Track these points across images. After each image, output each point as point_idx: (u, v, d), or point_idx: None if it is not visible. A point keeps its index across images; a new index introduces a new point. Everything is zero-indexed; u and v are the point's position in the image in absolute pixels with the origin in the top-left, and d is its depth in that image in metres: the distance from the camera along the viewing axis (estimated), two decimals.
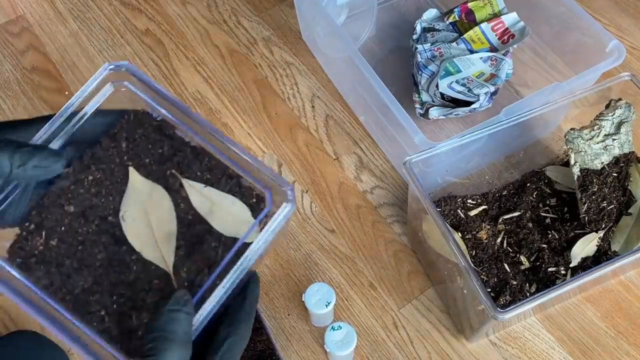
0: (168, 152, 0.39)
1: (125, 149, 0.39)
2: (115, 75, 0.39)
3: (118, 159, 0.39)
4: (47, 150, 0.35)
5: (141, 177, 0.38)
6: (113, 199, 0.38)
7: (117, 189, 0.38)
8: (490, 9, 0.79)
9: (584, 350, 0.63)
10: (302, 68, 0.85)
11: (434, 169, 0.63)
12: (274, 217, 0.36)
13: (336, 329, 0.61)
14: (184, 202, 0.38)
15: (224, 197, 0.38)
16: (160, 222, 0.37)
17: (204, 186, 0.38)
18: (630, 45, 0.85)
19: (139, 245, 0.37)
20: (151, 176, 0.38)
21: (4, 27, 0.92)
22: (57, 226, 0.37)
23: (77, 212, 0.37)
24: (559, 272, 0.63)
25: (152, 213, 0.37)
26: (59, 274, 0.36)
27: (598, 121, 0.66)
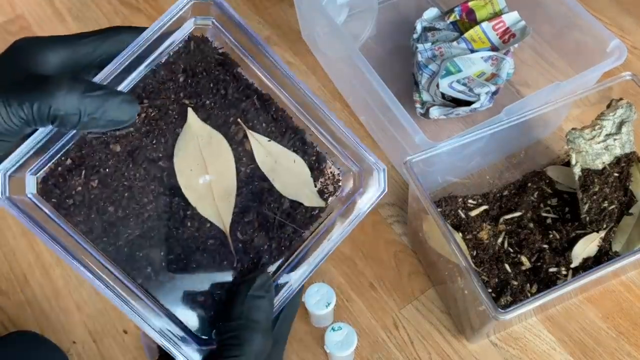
0: (233, 96, 0.34)
1: (183, 83, 0.33)
2: (198, 10, 0.33)
3: (174, 95, 0.33)
4: (121, 96, 0.29)
5: (200, 120, 0.33)
6: (165, 141, 0.33)
7: (171, 130, 0.33)
8: (491, 8, 0.79)
9: (585, 350, 0.63)
10: (302, 68, 0.85)
11: (434, 168, 0.63)
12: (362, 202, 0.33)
13: (336, 329, 0.60)
14: (246, 156, 0.33)
15: (288, 155, 0.34)
16: (219, 176, 0.33)
17: (269, 140, 0.34)
18: (632, 45, 0.84)
19: (194, 198, 0.32)
20: (211, 121, 0.33)
21: (2, 27, 0.92)
22: (100, 166, 0.32)
23: (123, 152, 0.32)
24: (560, 273, 0.63)
25: (210, 164, 0.33)
26: (100, 221, 0.31)
27: (599, 121, 0.65)
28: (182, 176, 0.32)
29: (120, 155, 0.32)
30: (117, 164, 0.32)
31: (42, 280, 0.69)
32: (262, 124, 0.34)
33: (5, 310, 0.68)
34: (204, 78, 0.34)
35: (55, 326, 0.66)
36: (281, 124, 0.34)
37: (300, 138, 0.34)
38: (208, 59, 0.34)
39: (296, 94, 0.34)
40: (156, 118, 0.33)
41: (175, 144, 0.33)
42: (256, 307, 0.30)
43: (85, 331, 0.66)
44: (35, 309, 0.67)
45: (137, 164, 0.32)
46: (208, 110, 0.33)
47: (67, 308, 0.67)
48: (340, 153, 0.34)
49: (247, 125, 0.34)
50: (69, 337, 0.66)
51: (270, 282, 0.31)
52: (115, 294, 0.30)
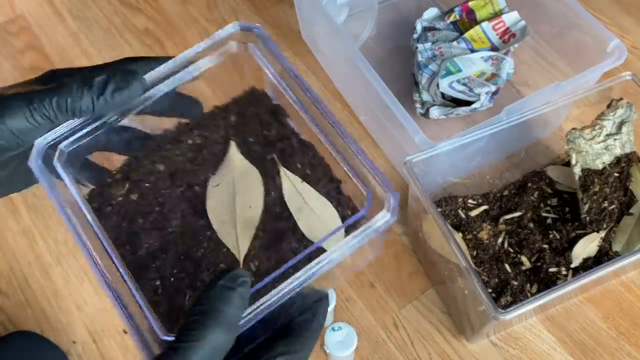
0: (274, 136, 0.35)
1: (234, 122, 0.36)
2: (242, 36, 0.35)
3: (223, 131, 0.36)
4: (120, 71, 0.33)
5: (240, 154, 0.35)
6: (206, 169, 0.35)
7: (213, 160, 0.35)
8: (491, 8, 0.79)
9: (585, 351, 0.63)
10: (302, 68, 0.85)
11: (434, 168, 0.63)
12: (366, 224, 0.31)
13: (336, 329, 0.60)
14: (275, 191, 0.34)
15: (318, 199, 0.34)
16: (245, 205, 0.34)
17: (301, 181, 0.34)
18: (632, 45, 0.84)
19: (216, 222, 0.33)
20: (251, 156, 0.35)
21: (2, 27, 0.92)
22: (143, 181, 0.34)
23: (166, 172, 0.35)
24: (560, 273, 0.63)
25: (239, 193, 0.34)
26: (127, 230, 0.33)
27: (599, 121, 0.65)
28: (212, 200, 0.34)
29: (163, 174, 0.35)
30: (157, 181, 0.34)
31: (42, 280, 0.69)
32: (297, 164, 0.34)
33: (5, 310, 0.68)
34: (252, 120, 0.36)
35: (55, 326, 0.66)
36: (318, 170, 0.35)
37: (335, 187, 0.34)
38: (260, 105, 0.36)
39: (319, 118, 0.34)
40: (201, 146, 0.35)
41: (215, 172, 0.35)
42: (223, 297, 0.28)
43: (85, 331, 0.66)
44: (35, 309, 0.67)
45: (174, 185, 0.34)
46: (249, 146, 0.35)
47: (67, 308, 0.67)
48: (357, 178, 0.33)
49: (282, 163, 0.34)
50: (68, 337, 0.66)
51: (245, 278, 0.29)
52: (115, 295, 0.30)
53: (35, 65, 0.88)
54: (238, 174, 0.34)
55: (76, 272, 0.69)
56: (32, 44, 0.90)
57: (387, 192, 0.31)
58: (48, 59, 0.88)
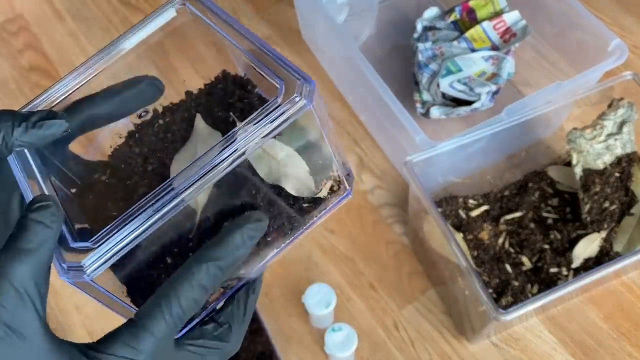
0: (235, 100, 0.36)
1: (204, 101, 0.37)
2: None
3: (194, 110, 0.37)
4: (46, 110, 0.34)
5: (204, 124, 0.36)
6: (176, 145, 0.36)
7: (183, 137, 0.36)
8: (491, 8, 0.79)
9: (586, 351, 0.63)
10: (302, 67, 0.84)
11: (435, 169, 0.63)
12: (276, 110, 0.31)
13: (336, 330, 0.60)
14: None
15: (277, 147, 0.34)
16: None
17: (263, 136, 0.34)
18: (633, 45, 0.84)
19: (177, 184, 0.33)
20: (216, 124, 0.36)
21: (1, 26, 0.92)
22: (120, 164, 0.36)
23: (140, 153, 0.36)
24: (561, 273, 0.62)
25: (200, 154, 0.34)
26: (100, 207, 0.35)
27: (600, 121, 0.65)
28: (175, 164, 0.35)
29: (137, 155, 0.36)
30: (131, 162, 0.36)
31: None
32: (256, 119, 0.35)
33: None
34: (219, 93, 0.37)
35: (54, 327, 0.66)
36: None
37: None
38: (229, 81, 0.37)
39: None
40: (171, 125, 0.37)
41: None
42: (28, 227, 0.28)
43: (85, 332, 0.66)
44: None
45: (147, 163, 0.36)
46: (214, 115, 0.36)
47: (66, 309, 0.67)
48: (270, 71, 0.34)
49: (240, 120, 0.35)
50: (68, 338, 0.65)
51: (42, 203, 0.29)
52: None
53: (34, 65, 0.87)
54: (201, 139, 0.36)
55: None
56: (32, 43, 0.90)
57: (300, 79, 0.32)
58: (47, 58, 0.88)
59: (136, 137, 0.37)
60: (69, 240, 0.31)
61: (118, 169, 0.36)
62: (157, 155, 0.36)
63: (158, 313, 0.29)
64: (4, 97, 0.85)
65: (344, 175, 0.37)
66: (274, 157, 0.35)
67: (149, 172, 0.36)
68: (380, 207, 0.73)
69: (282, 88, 0.32)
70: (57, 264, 0.30)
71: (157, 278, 0.34)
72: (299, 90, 0.32)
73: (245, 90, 0.37)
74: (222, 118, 0.36)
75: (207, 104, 0.37)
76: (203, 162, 0.31)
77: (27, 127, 0.32)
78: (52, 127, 0.33)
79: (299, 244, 0.71)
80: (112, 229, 0.30)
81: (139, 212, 0.30)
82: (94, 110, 0.36)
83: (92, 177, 0.37)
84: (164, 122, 0.37)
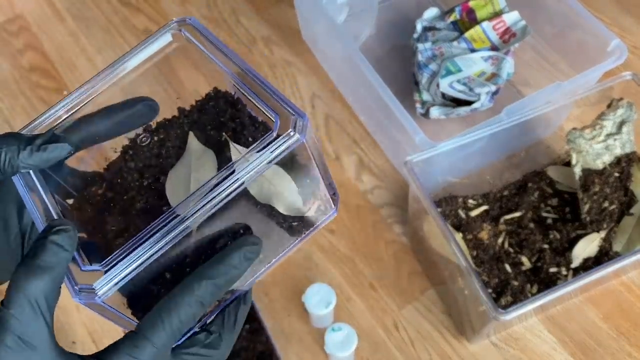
0: (227, 119, 0.38)
1: (196, 118, 0.39)
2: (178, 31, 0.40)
3: (187, 127, 0.39)
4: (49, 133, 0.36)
5: (197, 141, 0.38)
6: (171, 162, 0.38)
7: (177, 153, 0.38)
8: (491, 8, 0.79)
9: (586, 351, 0.63)
10: (302, 67, 0.85)
11: (434, 168, 0.63)
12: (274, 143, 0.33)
13: (336, 330, 0.60)
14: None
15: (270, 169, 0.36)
16: (199, 180, 0.36)
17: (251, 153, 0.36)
18: (632, 45, 0.84)
19: (173, 199, 0.36)
20: (209, 142, 0.38)
21: (2, 26, 0.92)
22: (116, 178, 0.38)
23: (135, 168, 0.38)
24: (560, 273, 0.63)
25: (194, 172, 0.37)
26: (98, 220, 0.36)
27: (600, 121, 0.65)
28: (170, 181, 0.37)
29: (132, 170, 0.38)
30: (127, 176, 0.38)
31: None
32: (248, 138, 0.37)
33: None
34: (211, 111, 0.39)
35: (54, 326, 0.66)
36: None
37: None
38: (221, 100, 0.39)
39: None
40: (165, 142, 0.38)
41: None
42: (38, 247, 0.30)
43: (85, 331, 0.66)
44: None
45: (142, 178, 0.38)
46: (207, 133, 0.38)
47: (67, 308, 0.67)
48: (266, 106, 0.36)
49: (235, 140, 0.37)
50: (68, 337, 0.66)
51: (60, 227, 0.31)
52: None
53: (34, 65, 0.87)
54: (194, 157, 0.38)
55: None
56: (32, 43, 0.90)
57: (294, 114, 0.34)
58: (47, 58, 0.88)
59: (131, 153, 0.39)
60: (80, 263, 0.32)
61: (114, 183, 0.38)
62: (152, 170, 0.38)
63: (159, 325, 0.31)
64: (4, 97, 0.85)
65: (330, 195, 0.39)
66: (266, 178, 0.36)
67: (145, 187, 0.37)
68: (380, 207, 0.73)
69: (277, 122, 0.34)
70: (70, 285, 0.32)
71: (157, 292, 0.36)
72: (293, 125, 0.34)
73: (236, 109, 0.39)
74: (214, 136, 0.38)
75: (199, 121, 0.39)
76: (205, 190, 0.33)
77: (32, 150, 0.34)
78: (55, 150, 0.35)
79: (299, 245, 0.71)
80: (122, 253, 0.32)
81: (146, 238, 0.32)
82: (92, 129, 0.37)
83: (89, 189, 0.38)
84: (158, 138, 0.39)
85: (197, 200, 0.33)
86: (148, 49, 0.41)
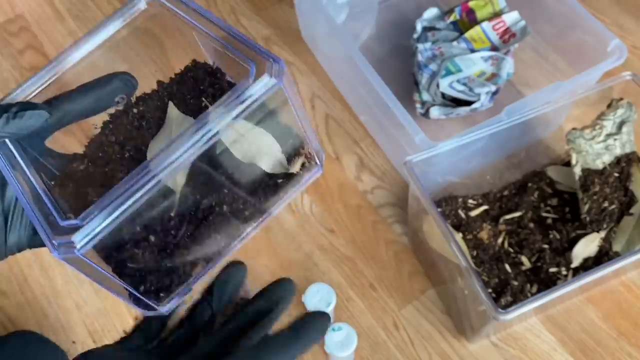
0: (206, 86, 0.38)
1: (176, 90, 0.39)
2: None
3: (167, 98, 0.39)
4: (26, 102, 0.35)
5: (177, 110, 0.38)
6: (151, 132, 0.38)
7: (157, 124, 0.38)
8: (491, 8, 0.79)
9: (586, 351, 0.63)
10: (302, 67, 0.85)
11: (434, 168, 0.63)
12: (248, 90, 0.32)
13: (336, 330, 0.60)
14: None
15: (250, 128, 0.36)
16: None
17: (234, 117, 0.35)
18: (632, 45, 0.84)
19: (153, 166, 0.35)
20: (187, 110, 0.37)
21: (2, 27, 0.92)
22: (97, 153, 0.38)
23: (116, 142, 0.38)
24: (560, 273, 0.63)
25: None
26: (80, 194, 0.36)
27: (599, 121, 0.65)
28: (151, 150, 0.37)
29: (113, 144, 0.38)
30: (108, 150, 0.38)
31: (42, 280, 0.69)
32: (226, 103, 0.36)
33: (5, 310, 0.67)
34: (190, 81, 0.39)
35: (55, 326, 0.66)
36: None
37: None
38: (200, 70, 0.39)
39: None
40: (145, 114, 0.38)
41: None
42: None
43: (85, 331, 0.66)
44: (35, 309, 0.67)
45: (123, 150, 0.37)
46: (186, 102, 0.38)
47: (67, 308, 0.67)
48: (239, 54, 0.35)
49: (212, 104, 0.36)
50: (68, 337, 0.66)
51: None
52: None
53: (34, 65, 0.87)
54: (175, 125, 0.37)
55: (76, 272, 0.69)
56: (32, 43, 0.90)
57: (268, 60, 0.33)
58: (47, 58, 0.88)
59: (111, 127, 0.39)
60: (58, 220, 0.32)
61: (96, 158, 0.38)
62: (133, 142, 0.38)
63: None
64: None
65: (314, 151, 0.39)
66: (247, 138, 0.36)
67: (126, 159, 0.37)
68: (380, 207, 0.73)
69: (252, 69, 0.33)
70: (48, 241, 0.31)
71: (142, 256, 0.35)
72: (269, 70, 0.33)
73: (215, 78, 0.38)
74: (194, 104, 0.38)
75: (179, 92, 0.39)
76: (177, 144, 0.32)
77: (8, 118, 0.33)
78: (32, 117, 0.34)
79: (299, 244, 0.71)
80: (98, 207, 0.31)
81: (120, 193, 0.32)
82: (70, 106, 0.37)
83: (71, 166, 0.38)
84: (138, 111, 0.38)
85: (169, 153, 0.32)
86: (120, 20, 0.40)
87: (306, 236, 0.71)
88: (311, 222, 0.72)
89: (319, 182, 0.75)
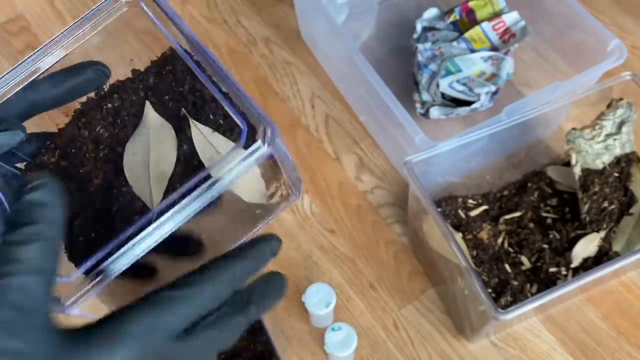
0: (187, 91, 0.37)
1: (152, 84, 0.37)
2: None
3: (142, 92, 0.37)
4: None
5: (155, 113, 0.37)
6: (126, 131, 0.37)
7: (133, 122, 0.37)
8: (491, 8, 0.79)
9: (585, 351, 0.63)
10: (302, 67, 0.85)
11: (434, 168, 0.63)
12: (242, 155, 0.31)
13: (336, 329, 0.60)
14: (188, 144, 0.35)
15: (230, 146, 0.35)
16: (158, 160, 0.35)
17: (212, 131, 0.35)
18: (632, 45, 0.84)
19: (131, 178, 0.35)
20: (166, 113, 0.36)
21: (2, 27, 0.92)
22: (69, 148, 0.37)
23: (89, 137, 0.37)
24: (560, 273, 0.63)
25: (153, 149, 0.35)
26: None
27: (599, 121, 0.65)
28: (127, 157, 0.36)
29: (87, 139, 0.37)
30: (81, 146, 0.37)
31: None
32: (208, 115, 0.35)
33: None
34: (168, 79, 0.37)
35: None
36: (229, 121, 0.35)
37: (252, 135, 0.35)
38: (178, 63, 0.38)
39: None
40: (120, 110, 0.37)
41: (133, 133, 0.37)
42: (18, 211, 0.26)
43: None
44: None
45: (97, 149, 0.36)
46: (165, 105, 0.37)
47: None
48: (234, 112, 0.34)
49: (195, 117, 0.35)
50: None
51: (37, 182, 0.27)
52: None
53: None
54: (153, 131, 0.36)
55: None
56: (32, 44, 0.90)
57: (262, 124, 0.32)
58: None
59: (84, 120, 0.37)
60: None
61: (68, 152, 0.36)
62: (109, 141, 0.36)
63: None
64: None
65: (293, 181, 0.38)
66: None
67: (101, 159, 0.36)
68: (380, 207, 0.73)
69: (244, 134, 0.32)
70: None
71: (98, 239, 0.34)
72: (262, 135, 0.32)
73: (195, 79, 0.37)
74: (172, 108, 0.36)
75: (156, 87, 0.37)
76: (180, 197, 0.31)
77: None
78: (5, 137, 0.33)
79: (299, 244, 0.71)
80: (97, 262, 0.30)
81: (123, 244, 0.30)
82: (38, 97, 0.36)
83: (42, 157, 0.37)
84: (113, 106, 0.37)
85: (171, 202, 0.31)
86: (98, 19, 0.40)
87: (306, 236, 0.71)
88: (311, 222, 0.72)
89: (319, 182, 0.75)
